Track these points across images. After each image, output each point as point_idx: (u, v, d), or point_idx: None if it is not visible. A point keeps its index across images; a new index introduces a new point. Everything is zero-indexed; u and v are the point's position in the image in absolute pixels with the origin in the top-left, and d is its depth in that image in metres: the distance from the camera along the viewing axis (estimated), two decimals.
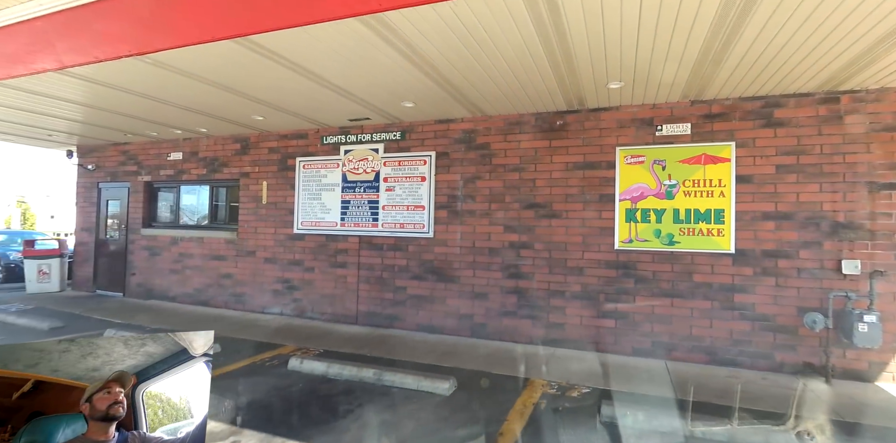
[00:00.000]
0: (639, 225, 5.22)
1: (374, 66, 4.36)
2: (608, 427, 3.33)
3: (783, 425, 3.23)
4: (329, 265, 6.83)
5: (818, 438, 2.78)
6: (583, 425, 3.36)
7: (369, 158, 6.56)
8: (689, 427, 3.21)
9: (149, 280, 8.30)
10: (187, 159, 8.06)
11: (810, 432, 2.79)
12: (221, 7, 3.51)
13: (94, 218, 9.03)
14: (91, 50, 4.25)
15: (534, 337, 5.59)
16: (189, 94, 5.38)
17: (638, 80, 4.51)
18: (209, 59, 4.28)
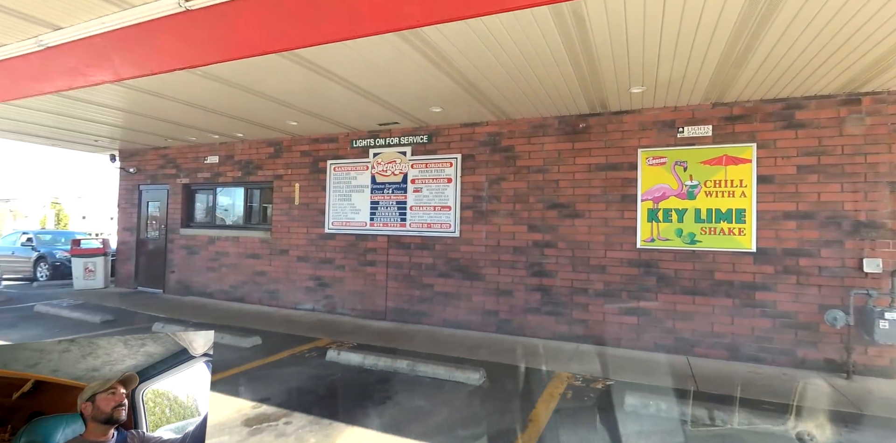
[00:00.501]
0: (660, 224, 5.37)
1: (406, 75, 4.62)
2: (632, 416, 3.52)
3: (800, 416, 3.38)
4: (359, 263, 7.13)
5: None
6: (607, 414, 3.56)
7: (397, 160, 6.83)
8: (710, 416, 3.38)
9: (187, 277, 8.75)
10: (223, 162, 8.47)
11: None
12: (271, 24, 3.81)
13: (135, 219, 9.54)
14: (147, 63, 4.61)
15: (557, 333, 5.78)
16: (231, 101, 5.73)
17: (660, 84, 4.67)
18: (254, 71, 4.61)
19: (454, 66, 4.32)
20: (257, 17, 3.83)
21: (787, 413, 3.43)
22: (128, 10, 4.19)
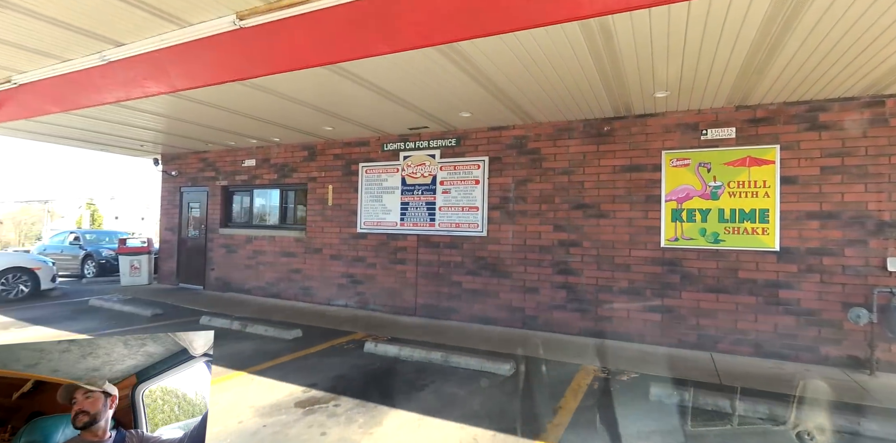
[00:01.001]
0: (684, 224, 5.53)
1: (439, 83, 4.90)
2: (657, 405, 3.73)
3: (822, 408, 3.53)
4: (389, 261, 7.45)
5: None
6: (633, 403, 3.77)
7: (426, 163, 7.13)
8: (733, 406, 3.56)
9: (226, 275, 9.22)
10: (260, 165, 8.91)
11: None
12: (317, 39, 4.14)
13: (176, 219, 10.08)
14: (201, 76, 5.01)
15: (583, 329, 5.98)
16: (273, 109, 6.11)
17: (683, 89, 4.85)
18: (299, 82, 4.96)
19: (485, 74, 4.59)
20: (305, 33, 4.15)
21: (807, 405, 3.58)
22: (186, 28, 4.56)
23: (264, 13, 4.10)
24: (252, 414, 3.44)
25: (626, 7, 3.03)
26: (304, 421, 3.33)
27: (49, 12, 4.23)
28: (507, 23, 3.38)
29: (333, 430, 3.19)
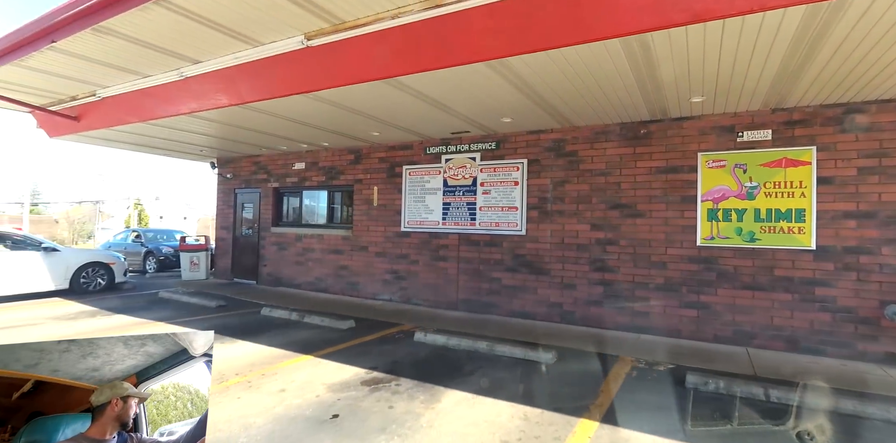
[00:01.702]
0: (720, 224, 5.71)
1: (484, 93, 5.28)
2: (692, 391, 4.00)
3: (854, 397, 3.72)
4: (431, 259, 7.88)
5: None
6: (670, 389, 4.05)
7: (467, 165, 7.51)
8: (766, 393, 3.80)
9: (277, 270, 9.87)
10: (309, 168, 9.50)
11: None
12: (377, 57, 4.58)
13: (231, 218, 10.82)
14: (268, 89, 5.55)
15: (619, 324, 6.24)
16: (329, 117, 6.63)
17: (719, 93, 5.06)
18: (356, 93, 5.42)
19: (528, 84, 4.94)
20: (365, 50, 4.61)
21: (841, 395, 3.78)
22: (258, 47, 5.09)
23: (330, 34, 4.58)
24: (325, 390, 3.91)
25: (663, 25, 3.35)
26: (372, 397, 3.77)
27: (143, 37, 4.84)
28: (552, 40, 3.74)
29: (399, 404, 3.62)
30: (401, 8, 4.10)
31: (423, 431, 3.18)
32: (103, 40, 4.95)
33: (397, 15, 4.15)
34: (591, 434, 3.16)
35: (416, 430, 3.19)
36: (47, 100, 7.46)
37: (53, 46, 5.15)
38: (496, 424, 3.31)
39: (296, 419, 3.32)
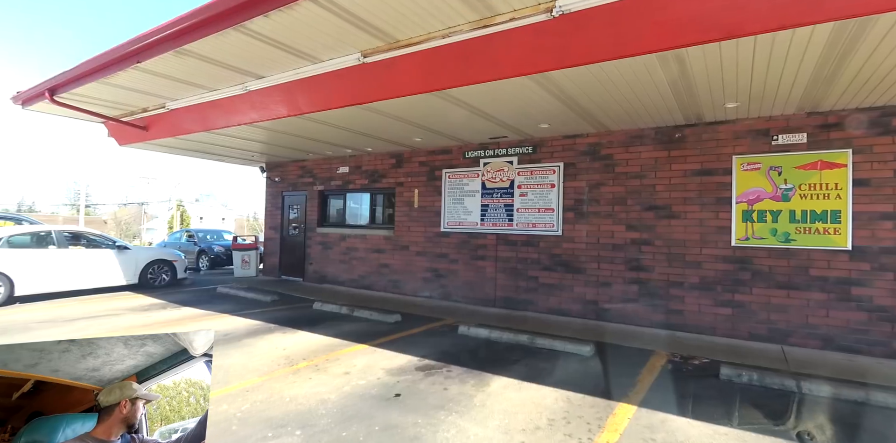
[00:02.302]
0: (755, 224, 5.88)
1: (525, 102, 5.63)
2: (726, 383, 4.24)
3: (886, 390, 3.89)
4: (470, 258, 8.26)
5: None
6: (704, 380, 4.30)
7: (505, 168, 7.87)
8: (798, 385, 4.01)
9: (322, 268, 10.46)
10: (352, 172, 10.05)
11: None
12: (427, 71, 4.99)
13: (279, 219, 11.50)
14: (324, 101, 6.05)
15: (654, 322, 6.46)
16: (376, 125, 7.11)
17: (753, 99, 5.25)
18: (405, 104, 5.86)
19: (567, 94, 5.26)
20: (417, 66, 5.03)
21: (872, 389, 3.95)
22: (317, 63, 5.59)
23: (385, 52, 5.02)
24: (384, 374, 4.34)
25: (696, 42, 3.64)
26: (427, 380, 4.18)
27: (217, 57, 5.41)
28: (593, 56, 4.07)
29: (452, 387, 4.02)
30: (451, 28, 4.50)
31: (476, 409, 3.56)
32: (182, 60, 5.55)
33: (448, 34, 4.55)
34: (630, 416, 3.47)
35: (471, 408, 3.57)
36: (120, 111, 8.22)
37: (137, 66, 5.80)
38: (542, 405, 3.66)
39: (364, 397, 3.76)
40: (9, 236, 7.82)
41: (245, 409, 3.50)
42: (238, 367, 4.50)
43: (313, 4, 4.08)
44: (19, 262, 7.68)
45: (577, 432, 3.19)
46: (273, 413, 3.43)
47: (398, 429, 3.19)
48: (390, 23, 4.44)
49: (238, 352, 5.00)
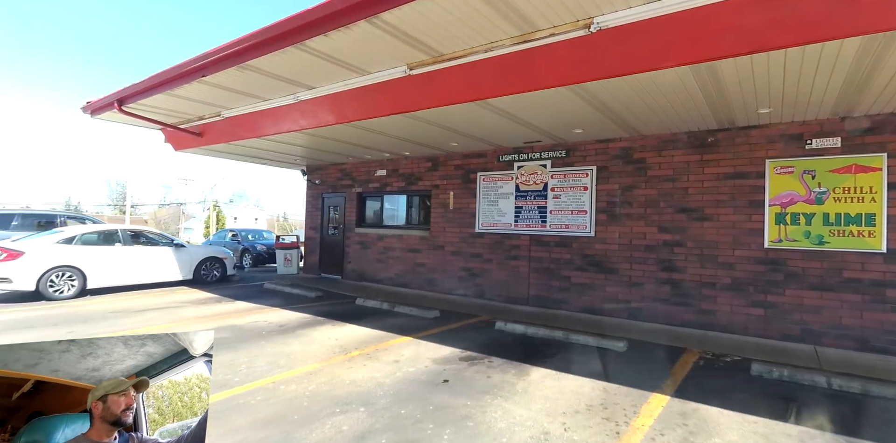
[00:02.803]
0: (788, 227, 5.99)
1: (560, 109, 5.92)
2: (757, 378, 4.43)
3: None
4: (504, 258, 8.57)
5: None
6: (735, 375, 4.51)
7: (538, 172, 8.15)
8: (829, 381, 4.18)
9: (360, 267, 10.95)
10: (390, 175, 10.51)
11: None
12: (469, 82, 5.34)
13: (319, 220, 12.07)
14: (371, 110, 6.47)
15: (686, 321, 6.63)
16: (416, 131, 7.52)
17: (786, 105, 5.39)
18: (446, 112, 6.23)
19: (602, 102, 5.53)
20: (460, 77, 5.39)
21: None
22: (365, 75, 6.02)
23: (430, 64, 5.40)
24: (431, 363, 4.71)
25: (727, 55, 3.88)
26: (471, 369, 4.53)
27: (275, 70, 5.90)
28: (628, 67, 4.35)
29: (495, 375, 4.36)
30: (493, 43, 4.84)
31: (519, 394, 3.89)
32: (242, 74, 6.07)
33: (490, 49, 4.89)
34: (663, 404, 3.74)
35: (514, 393, 3.90)
36: (177, 119, 8.88)
37: (202, 80, 6.36)
38: (580, 393, 3.96)
39: (415, 382, 4.14)
40: (81, 234, 8.58)
41: (312, 389, 3.92)
42: (299, 354, 4.96)
43: (369, 25, 4.49)
44: (90, 258, 8.41)
45: (613, 416, 3.48)
46: (337, 393, 3.84)
47: (450, 409, 3.55)
48: (437, 39, 4.82)
49: (296, 341, 5.47)
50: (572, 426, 3.30)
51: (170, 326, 6.13)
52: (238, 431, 3.14)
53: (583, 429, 3.27)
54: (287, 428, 3.18)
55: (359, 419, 3.34)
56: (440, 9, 4.15)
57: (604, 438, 3.14)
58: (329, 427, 3.21)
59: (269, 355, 4.88)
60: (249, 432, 3.11)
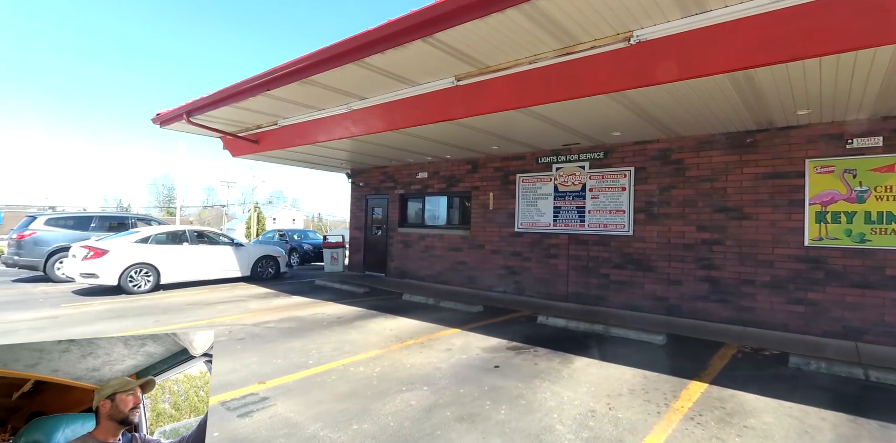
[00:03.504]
0: (829, 225, 6.09)
1: (599, 114, 6.23)
2: (794, 370, 4.64)
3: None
4: (543, 256, 8.90)
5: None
6: (773, 367, 4.72)
7: (577, 173, 8.44)
8: (866, 374, 4.34)
9: (403, 264, 11.48)
10: (431, 177, 10.99)
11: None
12: (513, 91, 5.72)
13: (363, 220, 12.69)
14: (419, 118, 6.93)
15: (725, 318, 6.79)
16: (460, 136, 7.96)
17: (825, 106, 5.52)
18: (490, 119, 6.63)
19: (640, 107, 5.81)
20: (504, 87, 5.78)
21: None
22: (414, 86, 6.48)
23: (476, 76, 5.82)
24: (481, 351, 5.13)
25: (761, 64, 4.13)
26: (518, 357, 4.93)
27: (333, 84, 6.45)
28: (667, 76, 4.64)
29: (541, 363, 4.74)
30: (537, 55, 5.21)
31: (565, 379, 4.26)
32: (304, 88, 6.65)
33: (534, 61, 5.27)
34: (701, 390, 4.02)
35: (560, 378, 4.27)
36: (237, 128, 9.62)
37: (267, 94, 6.99)
38: (622, 379, 4.29)
39: (468, 366, 4.57)
40: (154, 235, 9.45)
41: (378, 371, 4.41)
42: (360, 341, 5.47)
43: (424, 43, 4.95)
44: (163, 256, 9.27)
45: (654, 399, 3.80)
46: (400, 375, 4.31)
47: (504, 390, 3.96)
48: (484, 53, 5.23)
49: (354, 331, 6.00)
50: (616, 406, 3.65)
51: (241, 317, 6.79)
52: (322, 402, 3.64)
53: (626, 409, 3.61)
54: (363, 402, 3.67)
55: (424, 396, 3.80)
56: (489, 27, 4.56)
57: (646, 416, 3.47)
58: (399, 401, 3.67)
59: (333, 343, 5.41)
60: (332, 404, 3.61)
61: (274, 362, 4.66)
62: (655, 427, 3.29)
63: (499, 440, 3.05)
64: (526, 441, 3.04)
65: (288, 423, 3.26)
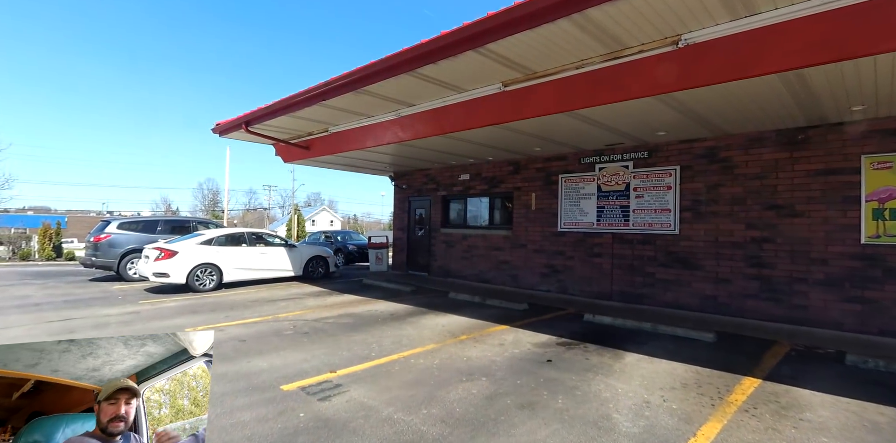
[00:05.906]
0: (887, 223, 5.96)
1: (645, 115, 6.32)
2: (851, 368, 4.63)
3: None
4: (586, 255, 9.00)
5: None
6: (828, 365, 4.72)
7: (620, 172, 8.51)
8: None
9: (446, 264, 11.80)
10: (473, 179, 11.26)
11: None
12: (559, 95, 5.91)
13: (406, 221, 13.10)
14: (467, 122, 7.18)
15: (776, 316, 6.73)
16: (503, 139, 8.19)
17: (881, 102, 5.44)
18: (535, 122, 6.83)
19: (688, 108, 5.88)
20: (550, 91, 5.97)
21: None
22: (462, 92, 6.76)
23: (523, 81, 6.04)
24: (532, 346, 5.36)
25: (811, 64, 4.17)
26: (569, 352, 5.12)
27: (385, 93, 6.80)
28: (715, 78, 4.73)
29: (592, 358, 4.92)
30: (584, 60, 5.38)
31: (617, 373, 4.43)
32: (358, 97, 7.05)
33: (581, 66, 5.45)
34: (755, 385, 4.11)
35: (612, 372, 4.45)
36: (289, 135, 10.17)
37: (322, 103, 7.43)
38: (674, 374, 4.42)
39: (523, 360, 4.81)
40: (216, 236, 10.13)
41: (437, 363, 4.71)
42: (415, 336, 5.80)
43: (475, 53, 5.22)
44: (224, 256, 9.93)
45: (708, 393, 3.93)
46: (459, 366, 4.60)
47: (558, 381, 4.18)
48: (532, 60, 5.44)
49: (409, 327, 6.34)
50: (670, 398, 3.81)
51: (302, 314, 7.26)
52: (390, 389, 3.97)
53: (680, 401, 3.76)
54: (428, 389, 3.97)
55: (483, 386, 4.07)
56: (539, 36, 4.78)
57: (700, 408, 3.62)
58: (461, 390, 3.96)
59: (391, 337, 5.76)
60: (400, 391, 3.93)
61: (340, 353, 5.04)
62: (711, 418, 3.43)
63: (559, 426, 3.28)
64: (585, 427, 3.26)
65: (364, 406, 3.60)
